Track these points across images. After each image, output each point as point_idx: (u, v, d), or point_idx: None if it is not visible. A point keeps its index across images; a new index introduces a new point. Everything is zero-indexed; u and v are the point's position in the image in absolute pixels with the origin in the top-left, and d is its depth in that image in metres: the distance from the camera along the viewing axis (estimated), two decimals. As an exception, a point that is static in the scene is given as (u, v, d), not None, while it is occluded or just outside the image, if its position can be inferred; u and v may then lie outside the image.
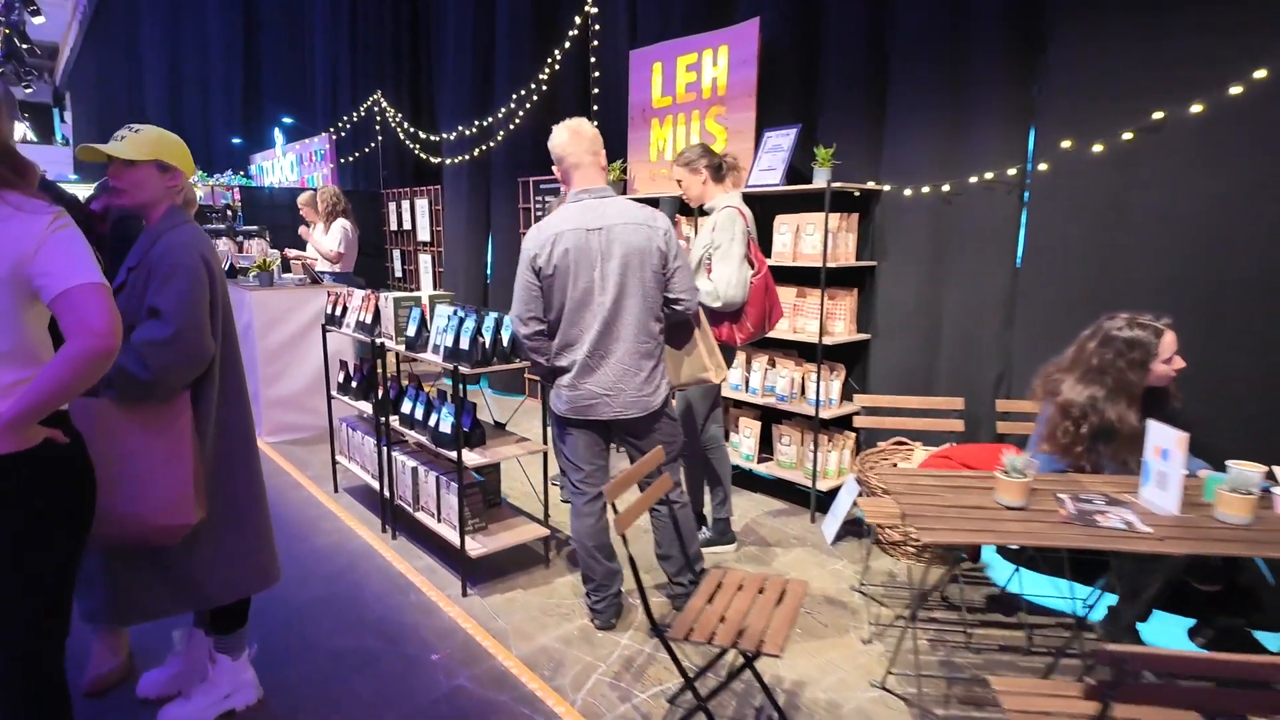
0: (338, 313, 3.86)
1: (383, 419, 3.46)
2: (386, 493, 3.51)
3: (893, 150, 3.64)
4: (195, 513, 1.98)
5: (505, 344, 2.96)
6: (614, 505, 1.99)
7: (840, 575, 3.14)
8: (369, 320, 3.51)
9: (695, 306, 2.61)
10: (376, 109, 8.25)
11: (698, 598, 2.08)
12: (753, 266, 3.05)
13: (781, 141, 3.88)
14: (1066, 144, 2.93)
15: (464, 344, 2.88)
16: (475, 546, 2.97)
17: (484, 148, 6.57)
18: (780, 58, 4.07)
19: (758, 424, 3.98)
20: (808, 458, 3.75)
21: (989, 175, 3.24)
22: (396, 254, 8.28)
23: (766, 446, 4.05)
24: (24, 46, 11.24)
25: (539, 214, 6.06)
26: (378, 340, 3.42)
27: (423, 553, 3.35)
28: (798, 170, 3.84)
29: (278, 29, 11.56)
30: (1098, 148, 2.85)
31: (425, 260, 7.67)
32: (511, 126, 6.18)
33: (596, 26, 5.33)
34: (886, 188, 3.65)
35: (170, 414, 1.98)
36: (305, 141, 9.41)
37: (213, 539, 2.07)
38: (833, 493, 3.63)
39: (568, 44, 5.54)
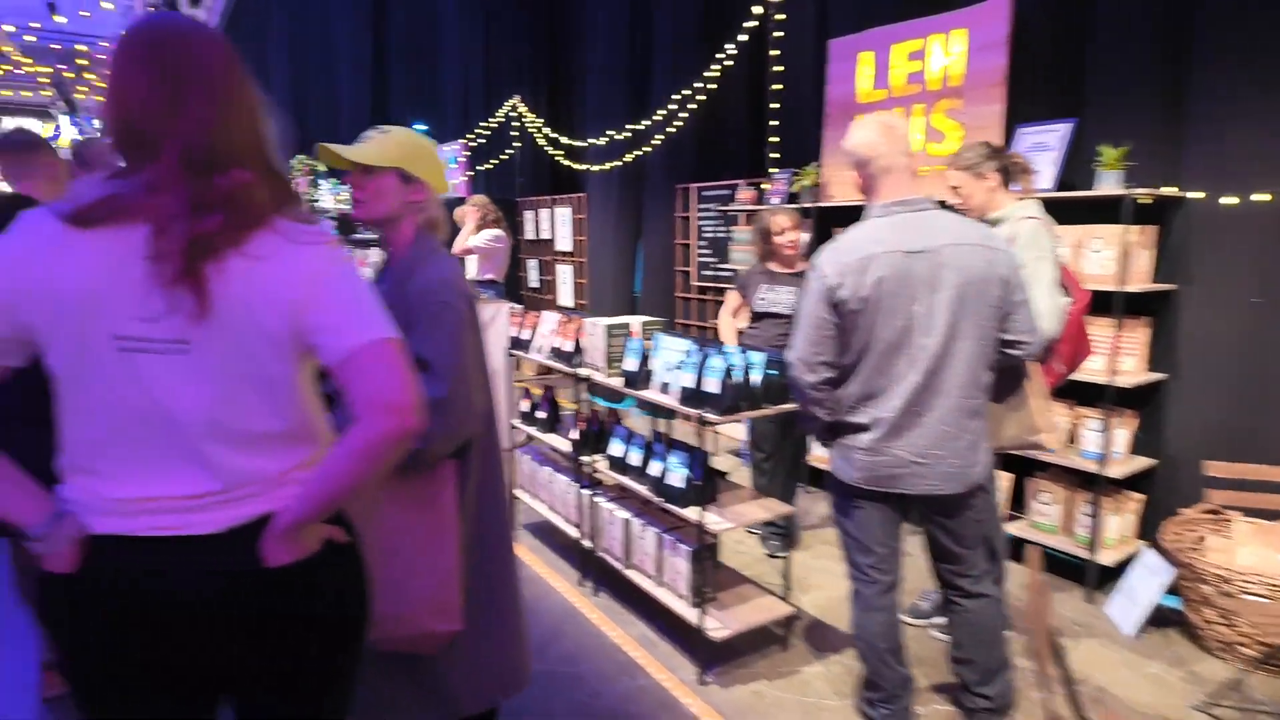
0: (524, 336, 3.48)
1: (583, 459, 3.05)
2: (587, 542, 3.09)
3: (1200, 149, 2.93)
4: (461, 614, 1.58)
5: (756, 385, 2.48)
6: (1047, 670, 1.45)
7: (1163, 684, 2.49)
8: (570, 349, 3.10)
9: (1037, 351, 2.04)
10: (514, 114, 8.01)
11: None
12: (1067, 293, 2.45)
13: (1046, 139, 3.25)
14: None
15: (710, 386, 2.41)
16: (715, 626, 2.49)
17: (637, 153, 6.16)
18: (1035, 39, 3.42)
19: (1007, 476, 3.35)
20: (1078, 521, 3.10)
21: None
22: (533, 264, 8.00)
23: (1015, 503, 3.41)
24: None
25: (701, 223, 5.60)
26: (582, 372, 3.01)
27: (634, 617, 2.89)
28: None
29: (406, 32, 11.57)
30: None
31: (564, 271, 7.35)
32: (670, 129, 5.74)
33: (779, 15, 4.80)
34: (1195, 195, 2.96)
35: (433, 487, 1.59)
36: (439, 149, 9.30)
37: (468, 636, 1.67)
38: (1118, 569, 2.97)
39: (743, 35, 5.04)
